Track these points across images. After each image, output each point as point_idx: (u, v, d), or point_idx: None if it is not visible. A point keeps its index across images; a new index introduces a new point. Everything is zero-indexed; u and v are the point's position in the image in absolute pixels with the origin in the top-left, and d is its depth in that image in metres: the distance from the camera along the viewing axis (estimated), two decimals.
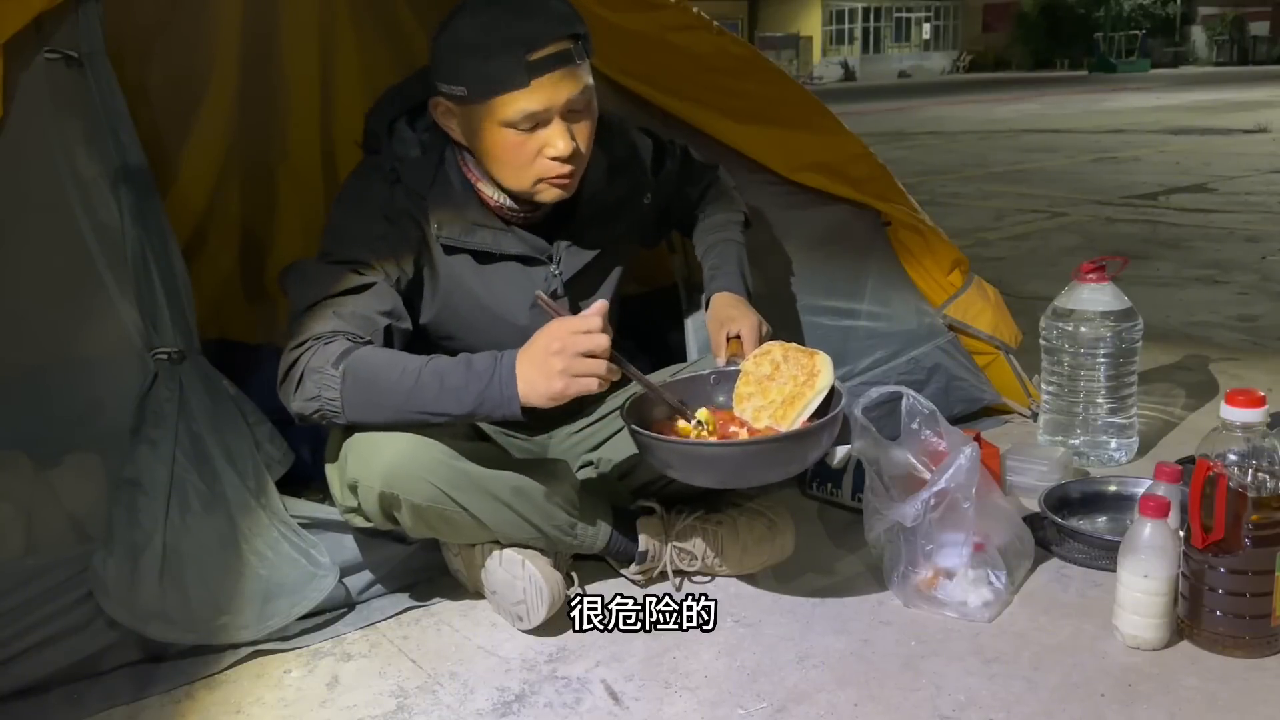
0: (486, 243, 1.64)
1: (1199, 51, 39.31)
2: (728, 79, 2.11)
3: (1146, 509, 1.50)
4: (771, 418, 1.53)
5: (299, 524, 1.65)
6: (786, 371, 1.57)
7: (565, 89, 1.51)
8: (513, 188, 1.60)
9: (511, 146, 1.53)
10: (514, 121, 1.51)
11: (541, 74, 1.48)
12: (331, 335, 1.49)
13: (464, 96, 1.52)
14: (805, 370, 1.54)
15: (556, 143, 1.53)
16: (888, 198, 2.33)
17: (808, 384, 1.52)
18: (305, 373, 1.48)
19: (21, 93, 1.52)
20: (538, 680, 1.50)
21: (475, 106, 1.52)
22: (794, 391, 1.53)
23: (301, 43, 2.17)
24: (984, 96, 19.23)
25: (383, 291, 1.56)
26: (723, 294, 1.79)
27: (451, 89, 1.53)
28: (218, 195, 2.23)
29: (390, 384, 1.46)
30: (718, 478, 1.54)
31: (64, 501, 1.55)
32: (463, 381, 1.44)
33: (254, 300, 2.36)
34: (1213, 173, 7.17)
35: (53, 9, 1.52)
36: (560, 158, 1.54)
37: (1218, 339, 3.15)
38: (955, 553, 1.62)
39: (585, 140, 1.58)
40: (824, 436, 1.50)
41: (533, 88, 1.48)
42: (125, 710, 1.46)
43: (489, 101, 1.50)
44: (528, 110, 1.50)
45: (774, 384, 1.57)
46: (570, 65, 1.51)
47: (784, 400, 1.53)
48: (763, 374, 1.59)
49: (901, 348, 2.34)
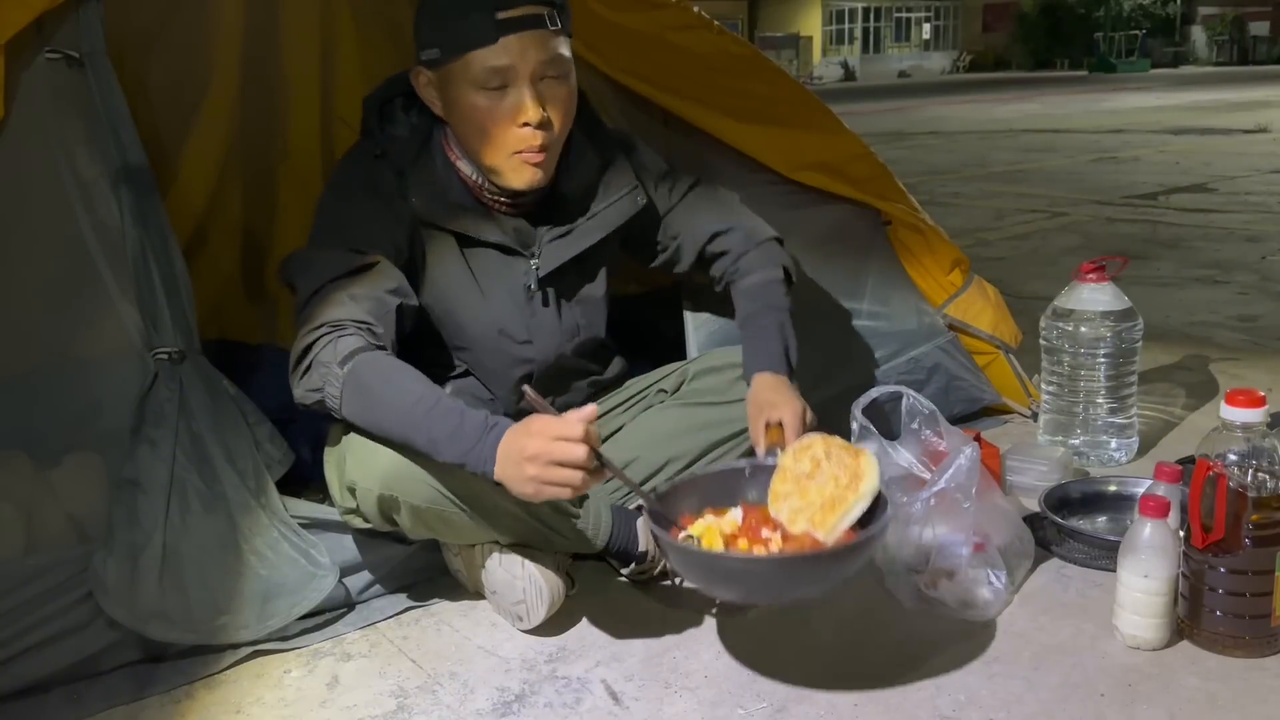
0: (466, 226, 1.64)
1: (1199, 51, 39.32)
2: (728, 79, 2.11)
3: (1146, 509, 1.50)
4: (810, 521, 1.40)
5: (299, 524, 1.65)
6: (828, 470, 1.43)
7: (535, 52, 1.53)
8: (487, 162, 1.60)
9: (483, 111, 1.55)
10: (481, 80, 1.53)
11: (510, 32, 1.51)
12: (346, 325, 1.47)
13: (437, 59, 1.55)
14: (849, 471, 1.41)
15: (526, 105, 1.54)
16: (888, 197, 2.33)
17: (851, 487, 1.39)
18: (314, 363, 1.47)
19: (22, 93, 1.52)
20: (538, 680, 1.50)
21: (447, 69, 1.55)
22: (835, 494, 1.39)
23: (302, 43, 2.17)
24: (984, 96, 19.23)
25: (387, 269, 1.56)
26: (763, 375, 1.71)
27: (428, 54, 1.56)
28: (218, 195, 2.23)
29: (386, 403, 1.44)
30: (740, 593, 1.41)
31: (64, 501, 1.55)
32: (449, 435, 1.40)
33: (254, 300, 2.36)
34: (1213, 173, 7.17)
35: (53, 9, 1.52)
36: (530, 123, 1.54)
37: (1218, 339, 3.15)
38: (955, 553, 1.62)
39: (558, 112, 1.58)
40: (865, 552, 1.37)
41: (500, 45, 1.51)
42: (125, 710, 1.46)
43: (459, 59, 1.53)
44: (494, 65, 1.51)
45: (814, 483, 1.42)
46: (542, 29, 1.53)
47: (824, 503, 1.39)
48: (802, 471, 1.45)
49: (901, 347, 2.34)
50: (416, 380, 1.45)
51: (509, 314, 1.71)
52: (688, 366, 1.87)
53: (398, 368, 1.47)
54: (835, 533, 1.39)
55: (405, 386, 1.44)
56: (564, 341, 1.77)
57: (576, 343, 1.79)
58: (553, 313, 1.74)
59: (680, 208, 1.85)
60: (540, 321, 1.73)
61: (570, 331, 1.78)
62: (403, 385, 1.44)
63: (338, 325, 1.48)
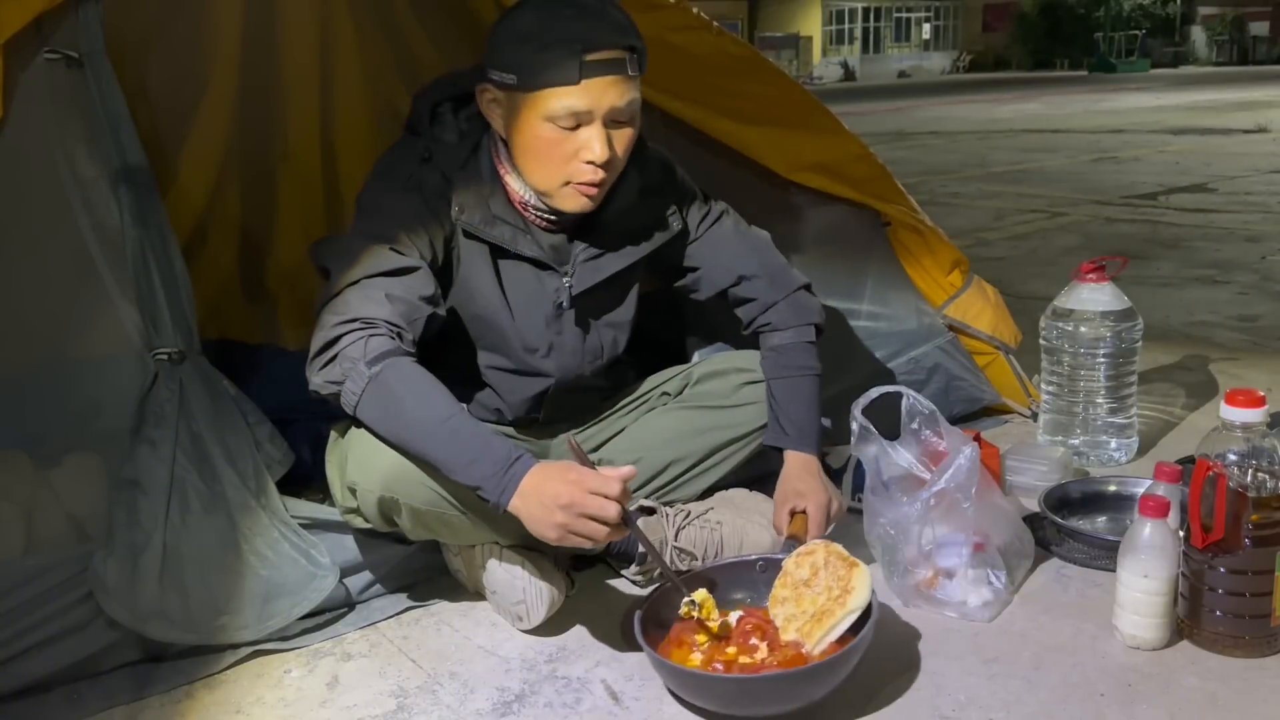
0: (504, 238, 1.64)
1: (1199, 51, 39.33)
2: (728, 79, 2.11)
3: (1146, 509, 1.50)
4: (799, 631, 1.44)
5: (299, 524, 1.65)
6: (823, 580, 1.47)
7: (612, 95, 1.52)
8: (539, 186, 1.59)
9: (549, 142, 1.54)
10: (557, 116, 1.51)
11: (593, 75, 1.49)
12: (378, 324, 1.47)
13: (513, 85, 1.53)
14: (841, 584, 1.44)
15: (594, 145, 1.53)
16: (888, 198, 2.33)
17: (839, 600, 1.42)
18: (340, 356, 1.45)
19: (21, 93, 1.51)
20: (538, 680, 1.50)
21: (522, 96, 1.53)
22: (825, 606, 1.43)
23: (301, 42, 2.17)
24: (984, 96, 19.22)
25: (425, 275, 1.56)
26: (796, 456, 1.73)
27: (502, 76, 1.53)
28: (217, 195, 2.22)
29: (409, 415, 1.43)
30: (715, 703, 1.40)
31: (64, 501, 1.55)
32: (471, 459, 1.40)
33: (254, 300, 2.36)
34: (1213, 173, 7.17)
35: (53, 9, 1.52)
36: (594, 162, 1.54)
37: (1218, 339, 3.15)
38: (955, 553, 1.62)
39: (622, 152, 1.58)
40: (838, 671, 1.38)
41: (583, 86, 1.50)
42: (125, 710, 1.46)
43: (537, 92, 1.51)
44: (573, 108, 1.50)
45: (809, 592, 1.47)
46: (622, 74, 1.52)
47: (814, 614, 1.43)
48: (801, 578, 1.49)
49: (901, 348, 2.34)
50: (443, 396, 1.44)
51: (535, 329, 1.70)
52: (691, 370, 1.87)
53: (425, 380, 1.46)
54: (820, 645, 1.41)
55: (432, 401, 1.44)
56: (585, 362, 1.76)
57: (598, 365, 1.78)
58: (578, 332, 1.73)
59: (707, 239, 1.82)
60: (565, 339, 1.73)
61: (594, 352, 1.77)
62: (429, 399, 1.44)
63: (370, 323, 1.47)
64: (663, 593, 1.53)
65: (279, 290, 2.36)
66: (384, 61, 2.23)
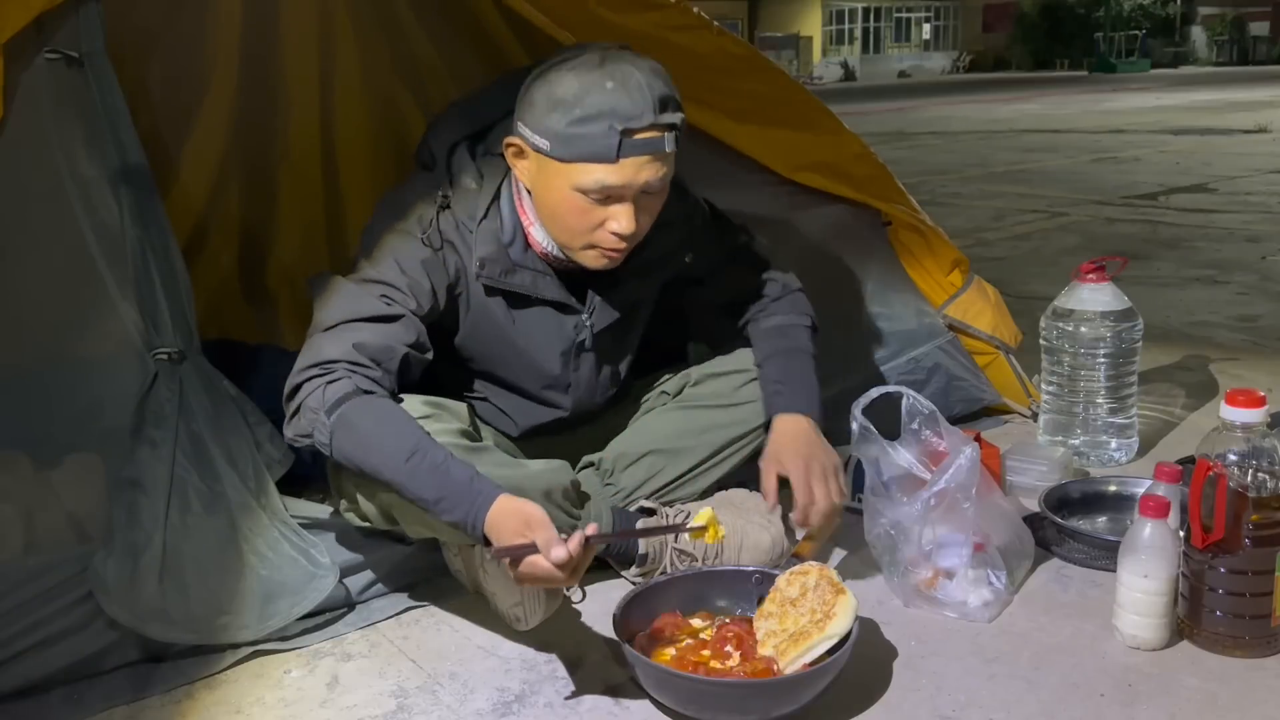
0: (524, 285, 1.62)
1: (1199, 51, 39.32)
2: (728, 79, 2.11)
3: (1146, 509, 1.50)
4: (775, 649, 1.44)
5: (299, 524, 1.65)
6: (809, 602, 1.46)
7: (648, 173, 1.47)
8: (562, 244, 1.57)
9: (577, 211, 1.50)
10: (588, 190, 1.47)
11: (631, 155, 1.45)
12: (336, 368, 1.46)
13: (545, 150, 1.47)
14: (825, 608, 1.43)
15: (622, 220, 1.49)
16: (888, 198, 2.33)
17: (819, 625, 1.41)
18: (302, 409, 1.46)
19: (21, 93, 1.51)
20: (538, 680, 1.50)
21: (553, 163, 1.48)
22: (804, 629, 1.42)
23: (301, 42, 2.17)
24: (984, 96, 19.22)
25: (409, 324, 1.53)
26: (784, 419, 1.70)
27: (534, 138, 1.48)
28: (218, 195, 2.23)
29: (373, 459, 1.43)
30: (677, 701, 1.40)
31: (64, 501, 1.55)
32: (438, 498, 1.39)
33: (254, 300, 2.36)
34: (1213, 173, 7.17)
35: (53, 9, 1.52)
36: (620, 234, 1.51)
37: (1218, 339, 3.16)
38: (955, 553, 1.62)
39: (648, 221, 1.55)
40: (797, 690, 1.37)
41: (619, 165, 1.45)
42: (125, 710, 1.46)
43: (570, 164, 1.46)
44: (607, 184, 1.46)
45: (794, 611, 1.47)
46: (660, 152, 1.47)
47: (793, 634, 1.43)
48: (789, 596, 1.49)
49: (901, 348, 2.34)
50: (399, 433, 1.43)
51: (553, 367, 1.69)
52: (690, 371, 1.86)
53: (381, 418, 1.44)
54: (793, 666, 1.40)
55: (389, 442, 1.42)
56: (599, 393, 1.77)
57: (610, 393, 1.79)
58: (594, 366, 1.73)
59: (721, 258, 1.82)
60: (582, 375, 1.73)
61: (607, 382, 1.77)
62: (386, 440, 1.42)
63: (328, 368, 1.46)
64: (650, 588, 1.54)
65: (279, 290, 2.36)
66: (384, 61, 2.23)
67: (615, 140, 1.43)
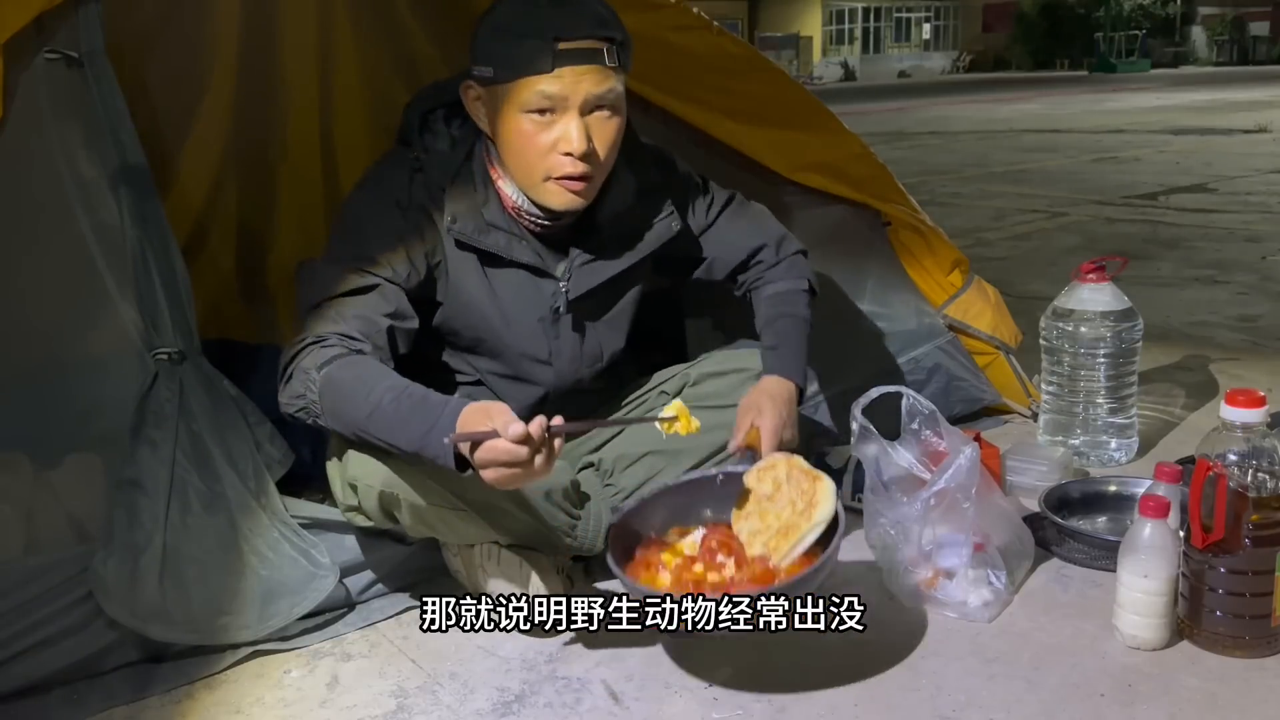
0: (498, 245, 1.63)
1: (1199, 51, 39.32)
2: (728, 79, 2.11)
3: (1146, 509, 1.50)
4: (765, 546, 1.45)
5: (299, 524, 1.65)
6: (787, 494, 1.48)
7: (588, 83, 1.51)
8: (522, 183, 1.59)
9: (527, 135, 1.53)
10: (532, 106, 1.51)
11: (567, 64, 1.49)
12: (328, 337, 1.49)
13: (490, 78, 1.53)
14: (805, 497, 1.45)
15: (571, 135, 1.52)
16: (888, 198, 2.33)
17: (805, 514, 1.43)
18: (295, 372, 1.48)
19: (21, 93, 1.51)
20: (538, 680, 1.50)
21: (499, 88, 1.53)
22: (790, 520, 1.44)
23: (301, 42, 2.17)
24: (984, 96, 19.22)
25: (387, 292, 1.55)
26: (771, 378, 1.71)
27: (481, 70, 1.54)
28: (217, 195, 2.23)
29: (355, 404, 1.43)
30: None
31: (64, 502, 1.55)
32: (411, 414, 1.38)
33: (253, 300, 2.36)
34: (1213, 173, 7.17)
35: (53, 9, 1.52)
36: (572, 153, 1.53)
37: (1218, 339, 3.16)
38: (955, 553, 1.62)
39: (604, 145, 1.56)
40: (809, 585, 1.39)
41: (556, 73, 1.49)
42: (125, 710, 1.46)
43: (513, 83, 1.51)
44: (546, 92, 1.50)
45: (773, 507, 1.48)
46: (599, 64, 1.51)
47: (780, 529, 1.44)
48: (764, 493, 1.51)
49: (901, 348, 2.34)
50: (388, 379, 1.43)
51: (532, 336, 1.70)
52: (689, 370, 1.86)
53: (369, 369, 1.46)
54: (788, 559, 1.41)
55: (374, 384, 1.42)
56: (584, 366, 1.76)
57: (598, 368, 1.78)
58: (576, 337, 1.73)
59: (717, 226, 1.84)
60: (563, 344, 1.72)
61: (593, 357, 1.77)
62: (373, 382, 1.43)
63: (321, 338, 1.49)
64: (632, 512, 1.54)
65: (279, 290, 2.35)
66: (384, 61, 2.23)
67: (550, 50, 1.48)
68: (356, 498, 1.57)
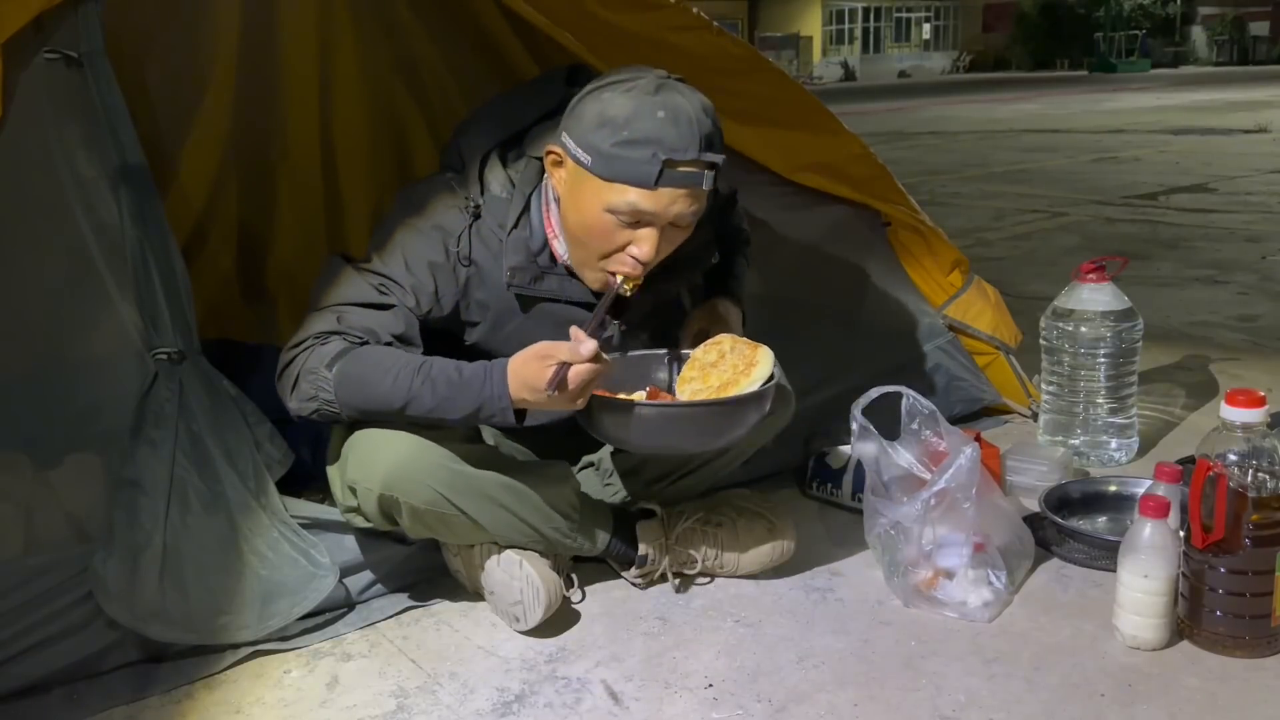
0: (552, 289, 1.62)
1: (1199, 51, 39.32)
2: (728, 79, 2.10)
3: (1146, 509, 1.50)
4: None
5: (299, 524, 1.65)
6: (730, 361, 1.58)
7: (681, 205, 1.47)
8: (576, 259, 1.57)
9: (603, 231, 1.49)
10: (619, 211, 1.47)
11: (669, 185, 1.45)
12: (329, 336, 1.50)
13: (586, 165, 1.47)
14: (745, 360, 1.56)
15: (645, 246, 1.49)
16: (888, 198, 2.33)
17: (745, 373, 1.54)
18: (301, 374, 1.48)
19: (21, 93, 1.51)
20: (538, 680, 1.50)
21: (591, 179, 1.48)
22: (730, 379, 1.54)
23: (301, 42, 2.17)
24: (984, 96, 19.22)
25: (400, 315, 1.54)
26: (720, 300, 1.75)
27: (577, 151, 1.48)
28: (217, 195, 2.23)
29: (383, 392, 1.45)
30: (637, 438, 1.53)
31: (64, 501, 1.55)
32: (454, 391, 1.44)
33: (253, 300, 2.36)
34: (1213, 173, 7.17)
35: (52, 9, 1.52)
36: (639, 259, 1.50)
37: (1218, 339, 3.16)
38: (955, 553, 1.62)
39: (668, 252, 1.55)
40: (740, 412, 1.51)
41: (656, 193, 1.45)
42: (125, 710, 1.46)
43: (607, 183, 1.46)
44: (640, 209, 1.46)
45: (716, 370, 1.58)
46: (698, 187, 1.47)
47: (720, 386, 1.54)
48: (709, 361, 1.60)
49: (901, 348, 2.34)
50: (404, 360, 1.47)
51: None
52: None
53: (383, 355, 1.49)
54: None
55: (396, 369, 1.46)
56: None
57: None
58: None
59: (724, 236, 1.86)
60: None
61: None
62: (394, 368, 1.46)
63: (321, 336, 1.50)
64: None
65: (278, 290, 2.35)
66: (384, 62, 2.22)
67: (657, 168, 1.43)
68: (356, 500, 1.57)
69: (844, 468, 1.99)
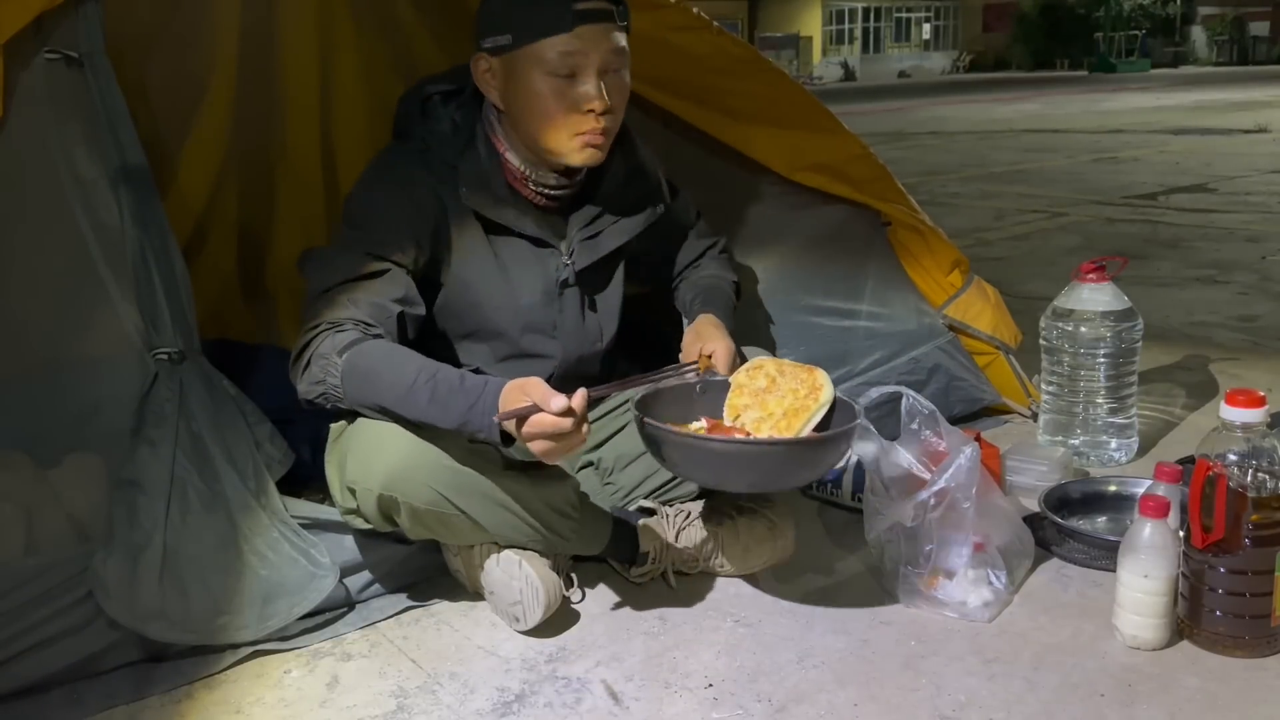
0: (509, 219, 1.68)
1: (1199, 51, 39.32)
2: (728, 79, 2.11)
3: (1146, 509, 1.50)
4: (774, 429, 1.49)
5: (299, 524, 1.65)
6: (785, 385, 1.54)
7: (605, 42, 1.58)
8: (550, 144, 1.62)
9: (549, 96, 1.58)
10: (554, 66, 1.56)
11: (585, 22, 1.56)
12: (344, 323, 1.52)
13: (508, 45, 1.58)
14: (806, 384, 1.52)
15: (593, 94, 1.58)
16: (888, 198, 2.33)
17: (810, 397, 1.50)
18: (313, 357, 1.51)
19: (21, 93, 1.51)
20: (538, 680, 1.50)
21: (517, 54, 1.58)
22: (796, 404, 1.50)
23: (301, 42, 2.17)
24: (984, 96, 19.22)
25: (397, 277, 1.59)
26: (708, 315, 1.78)
27: (496, 40, 1.59)
28: (217, 195, 2.23)
29: (387, 385, 1.48)
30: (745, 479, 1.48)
31: (64, 501, 1.55)
32: (451, 398, 1.45)
33: (253, 300, 2.36)
34: (1213, 173, 7.17)
35: (53, 9, 1.52)
36: (595, 110, 1.58)
37: (1218, 339, 3.16)
38: (955, 553, 1.62)
39: (619, 100, 1.63)
40: (844, 444, 1.50)
41: (576, 33, 1.55)
42: (125, 710, 1.46)
43: (533, 45, 1.56)
44: (570, 53, 1.56)
45: (772, 397, 1.54)
46: (611, 23, 1.59)
47: (785, 412, 1.50)
48: (758, 387, 1.56)
49: (901, 348, 2.34)
50: (414, 359, 1.49)
51: (538, 307, 1.73)
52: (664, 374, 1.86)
53: (393, 351, 1.51)
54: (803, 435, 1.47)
55: (403, 365, 1.49)
56: (586, 343, 1.78)
57: (598, 348, 1.80)
58: (579, 311, 1.76)
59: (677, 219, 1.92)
60: (567, 318, 1.75)
61: (594, 334, 1.79)
62: (401, 364, 1.49)
63: (335, 323, 1.52)
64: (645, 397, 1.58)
65: (278, 290, 2.36)
66: (384, 61, 2.23)
67: (569, 11, 1.55)
68: (355, 501, 1.57)
69: (844, 468, 1.99)
